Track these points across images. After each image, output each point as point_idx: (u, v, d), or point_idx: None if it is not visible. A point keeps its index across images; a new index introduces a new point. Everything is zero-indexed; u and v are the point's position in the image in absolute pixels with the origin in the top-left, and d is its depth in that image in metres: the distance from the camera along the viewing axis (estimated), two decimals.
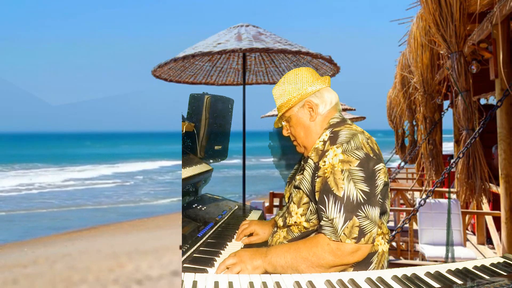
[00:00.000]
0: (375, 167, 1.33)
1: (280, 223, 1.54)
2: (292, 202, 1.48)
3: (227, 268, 1.35)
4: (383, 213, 1.39)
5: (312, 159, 1.42)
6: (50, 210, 12.22)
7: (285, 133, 1.62)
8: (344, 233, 1.25)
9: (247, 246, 1.80)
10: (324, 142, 1.41)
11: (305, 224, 1.43)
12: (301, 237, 1.44)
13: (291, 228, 1.48)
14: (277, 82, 1.62)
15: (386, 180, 1.38)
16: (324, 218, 1.30)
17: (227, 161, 2.88)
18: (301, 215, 1.43)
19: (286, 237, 1.49)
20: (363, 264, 1.35)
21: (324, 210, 1.30)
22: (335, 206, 1.28)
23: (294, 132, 1.57)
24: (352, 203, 1.27)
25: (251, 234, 1.83)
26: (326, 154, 1.36)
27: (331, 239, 1.27)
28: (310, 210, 1.42)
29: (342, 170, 1.30)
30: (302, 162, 1.55)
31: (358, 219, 1.26)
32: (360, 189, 1.28)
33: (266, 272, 1.35)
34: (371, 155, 1.34)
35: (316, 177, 1.38)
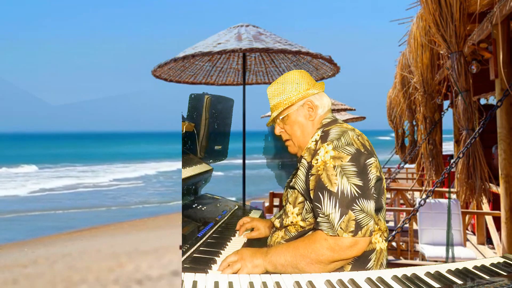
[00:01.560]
0: (367, 162, 1.35)
1: (277, 224, 1.56)
2: (288, 203, 1.50)
3: (229, 265, 1.37)
4: (379, 209, 1.39)
5: (305, 159, 1.44)
6: (52, 211, 12.22)
7: (277, 131, 1.62)
8: (341, 228, 1.26)
9: (249, 241, 1.81)
10: (316, 141, 1.44)
11: (302, 224, 1.44)
12: (298, 236, 1.45)
13: (288, 228, 1.49)
14: (268, 91, 1.62)
15: (379, 175, 1.39)
16: (320, 215, 1.31)
17: (227, 161, 2.89)
18: (297, 215, 1.45)
19: (284, 237, 1.50)
20: (361, 261, 1.36)
21: (320, 206, 1.31)
22: (330, 202, 1.29)
23: (290, 131, 1.57)
24: (347, 198, 1.28)
25: (252, 230, 1.86)
26: (318, 152, 1.38)
27: (328, 235, 1.28)
28: (306, 209, 1.43)
29: (334, 166, 1.32)
30: (297, 163, 1.57)
31: (353, 213, 1.27)
32: (353, 184, 1.30)
33: (266, 271, 1.36)
34: (362, 150, 1.36)
35: (309, 176, 1.39)
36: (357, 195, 1.29)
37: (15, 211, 11.95)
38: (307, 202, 1.42)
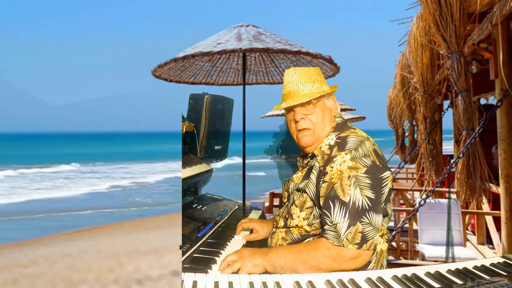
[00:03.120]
0: (382, 175, 1.35)
1: (281, 223, 1.54)
2: (294, 205, 1.47)
3: (228, 264, 1.36)
4: (385, 215, 1.39)
5: (318, 162, 1.43)
6: (52, 212, 12.22)
7: (302, 115, 1.47)
8: (347, 238, 1.26)
9: (248, 244, 1.81)
10: (331, 146, 1.42)
11: (307, 228, 1.43)
12: (301, 240, 1.44)
13: (291, 230, 1.48)
14: (290, 75, 1.51)
15: (391, 187, 1.39)
16: (328, 223, 1.30)
17: (227, 161, 2.89)
18: (304, 219, 1.43)
19: (285, 238, 1.49)
20: None
21: (329, 215, 1.30)
22: (340, 211, 1.29)
23: (315, 118, 1.48)
24: (357, 209, 1.28)
25: (251, 232, 1.85)
26: (334, 159, 1.37)
27: (333, 244, 1.28)
28: (314, 214, 1.41)
29: (349, 176, 1.31)
30: (303, 161, 1.55)
31: (361, 225, 1.27)
32: (366, 196, 1.29)
33: (265, 271, 1.36)
34: (378, 164, 1.35)
35: (321, 182, 1.37)
36: (367, 208, 1.28)
37: (15, 213, 11.96)
38: (316, 207, 1.40)
